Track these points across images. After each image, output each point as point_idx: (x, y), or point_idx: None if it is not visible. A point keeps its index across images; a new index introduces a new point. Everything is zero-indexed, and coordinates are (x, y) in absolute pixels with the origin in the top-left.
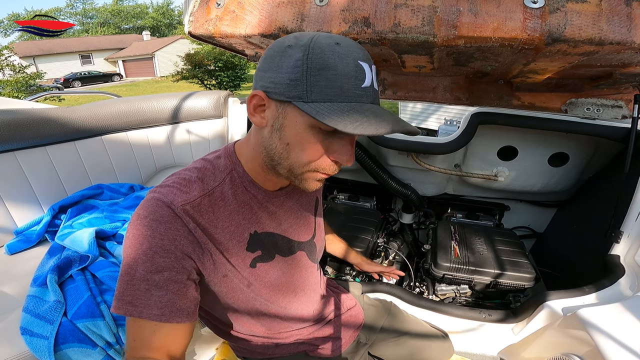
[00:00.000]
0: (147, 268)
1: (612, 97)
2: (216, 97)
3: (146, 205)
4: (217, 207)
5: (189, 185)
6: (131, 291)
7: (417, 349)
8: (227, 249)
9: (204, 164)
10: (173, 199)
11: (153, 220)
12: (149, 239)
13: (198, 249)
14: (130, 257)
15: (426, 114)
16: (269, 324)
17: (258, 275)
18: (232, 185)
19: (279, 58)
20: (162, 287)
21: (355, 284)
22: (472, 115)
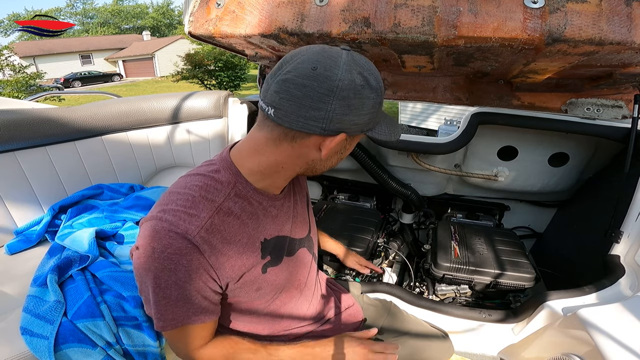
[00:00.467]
0: (180, 294)
1: (612, 97)
2: (216, 97)
3: (158, 238)
4: (227, 223)
5: (195, 206)
6: (172, 311)
7: (417, 348)
8: (242, 262)
9: (203, 180)
10: (187, 229)
11: (172, 254)
12: (174, 272)
13: (219, 270)
14: (161, 287)
15: (426, 114)
16: (271, 323)
17: (268, 279)
18: (238, 199)
19: (358, 101)
20: (197, 302)
21: (354, 284)
22: (472, 115)
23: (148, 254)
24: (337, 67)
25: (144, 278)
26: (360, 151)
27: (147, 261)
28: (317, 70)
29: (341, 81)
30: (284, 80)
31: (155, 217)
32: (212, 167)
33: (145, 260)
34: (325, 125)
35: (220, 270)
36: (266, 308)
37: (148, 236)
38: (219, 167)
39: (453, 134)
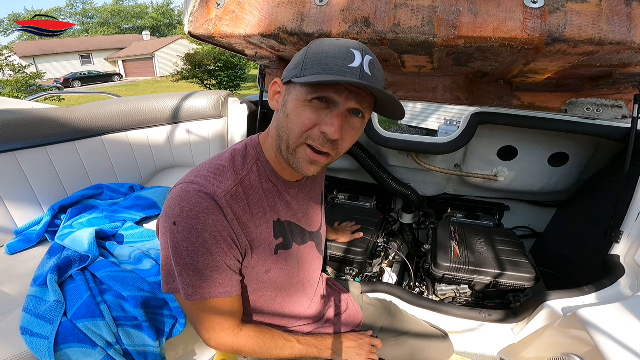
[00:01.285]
0: (207, 259)
1: (612, 97)
2: (216, 97)
3: (188, 197)
4: (249, 195)
5: (223, 174)
6: (198, 279)
7: (417, 348)
8: (258, 236)
9: (233, 153)
10: (215, 191)
11: (201, 212)
12: (201, 232)
13: (240, 237)
14: (188, 250)
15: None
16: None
17: (278, 261)
18: (258, 174)
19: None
20: (223, 270)
21: (354, 284)
22: (472, 115)
23: (176, 214)
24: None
25: (168, 243)
26: (360, 151)
27: (176, 222)
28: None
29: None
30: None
31: (186, 180)
32: (242, 144)
33: (173, 222)
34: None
35: (240, 237)
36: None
37: (177, 197)
38: (247, 143)
39: (453, 134)
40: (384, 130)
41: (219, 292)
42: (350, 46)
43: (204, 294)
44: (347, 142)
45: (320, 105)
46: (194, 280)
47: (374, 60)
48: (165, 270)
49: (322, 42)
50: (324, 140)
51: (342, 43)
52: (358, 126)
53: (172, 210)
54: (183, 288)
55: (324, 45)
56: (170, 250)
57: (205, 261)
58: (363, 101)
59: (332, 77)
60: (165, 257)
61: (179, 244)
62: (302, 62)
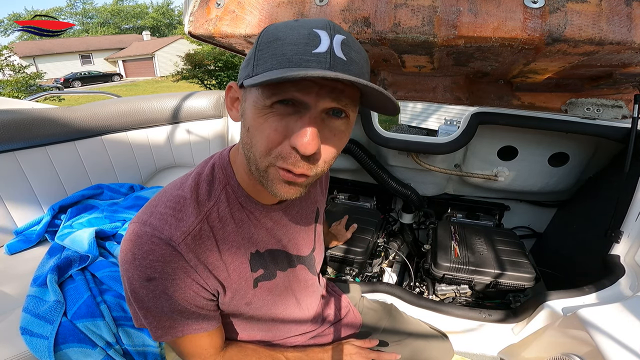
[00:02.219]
0: (172, 305)
1: (612, 97)
2: (216, 97)
3: (139, 243)
4: (216, 230)
5: (183, 209)
6: (166, 320)
7: (417, 350)
8: (230, 274)
9: (197, 179)
10: (172, 234)
11: (155, 261)
12: (160, 280)
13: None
14: (148, 297)
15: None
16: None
17: (259, 294)
18: (228, 203)
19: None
20: (193, 312)
21: (354, 286)
22: (472, 115)
23: (129, 261)
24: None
25: (127, 287)
26: (360, 151)
27: (129, 269)
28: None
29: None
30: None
31: (140, 220)
32: (211, 161)
33: (127, 268)
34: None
35: (208, 280)
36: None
37: (129, 241)
38: (216, 163)
39: (453, 134)
40: (384, 130)
41: (193, 329)
42: (312, 26)
43: (176, 333)
44: (330, 152)
45: (285, 111)
46: (161, 322)
47: (348, 39)
48: (131, 309)
49: (276, 27)
50: (295, 157)
51: (302, 24)
52: (342, 129)
53: (125, 255)
54: (150, 330)
55: (278, 31)
56: (131, 295)
57: (170, 306)
58: (341, 96)
59: (289, 71)
60: (127, 299)
61: (137, 291)
62: (253, 56)
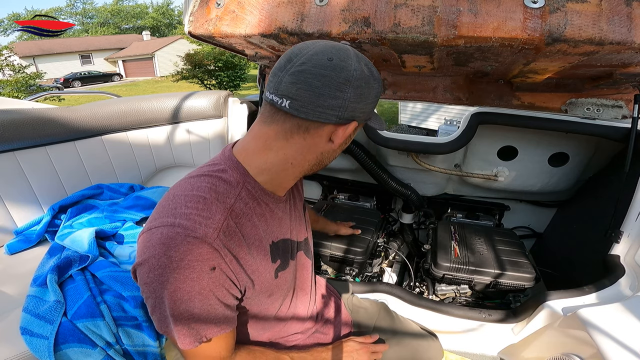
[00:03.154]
0: (204, 305)
1: (612, 97)
2: (216, 97)
3: (174, 245)
4: (241, 225)
5: (208, 208)
6: (195, 325)
7: (407, 350)
8: (257, 267)
9: (211, 180)
10: (205, 232)
11: (194, 261)
12: (197, 280)
13: (239, 276)
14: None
15: (426, 114)
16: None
17: (279, 284)
18: (248, 199)
19: (367, 90)
20: (220, 312)
21: (344, 285)
22: (472, 115)
23: (163, 265)
24: (350, 59)
25: (159, 293)
26: (360, 151)
27: (164, 273)
28: (334, 61)
29: (355, 71)
30: (300, 72)
31: (165, 223)
32: (217, 167)
33: (161, 272)
34: (340, 114)
35: (239, 275)
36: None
37: (161, 245)
38: (225, 166)
39: (453, 134)
40: (384, 130)
41: (215, 332)
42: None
43: (201, 338)
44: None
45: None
46: (190, 327)
47: None
48: (156, 316)
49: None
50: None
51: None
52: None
53: (158, 261)
54: (179, 338)
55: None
56: (161, 301)
57: (202, 307)
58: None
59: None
60: (153, 305)
61: (171, 295)
62: (374, 106)
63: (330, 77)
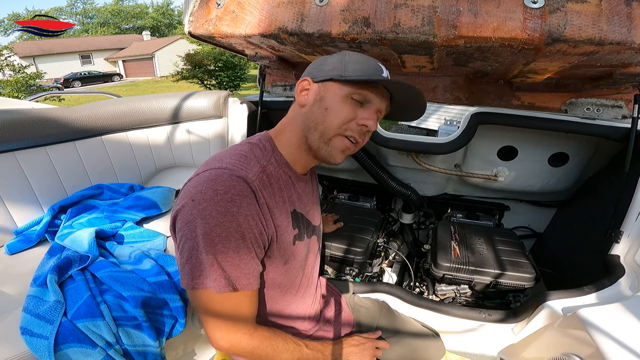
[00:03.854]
0: (239, 245)
1: (612, 97)
2: (216, 97)
3: (221, 180)
4: (271, 183)
5: (248, 161)
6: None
7: (409, 348)
8: (281, 223)
9: (250, 146)
10: (246, 175)
11: (236, 195)
12: (236, 215)
13: (268, 223)
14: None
15: (426, 114)
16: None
17: (294, 252)
18: (276, 165)
19: (323, 60)
20: (250, 259)
21: (346, 285)
22: (472, 115)
23: (209, 198)
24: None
25: (199, 231)
26: (360, 151)
27: (208, 207)
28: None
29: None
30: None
31: (213, 167)
32: (254, 139)
33: (206, 206)
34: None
35: (268, 222)
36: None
37: (209, 181)
38: (260, 138)
39: (453, 134)
40: (384, 130)
41: (245, 284)
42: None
43: (235, 285)
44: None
45: (356, 103)
46: (224, 270)
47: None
48: (191, 264)
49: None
50: (360, 131)
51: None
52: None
53: (204, 194)
54: (215, 280)
55: (358, 56)
56: (201, 239)
57: (237, 247)
58: (385, 106)
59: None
60: (190, 248)
61: (211, 230)
62: (340, 65)
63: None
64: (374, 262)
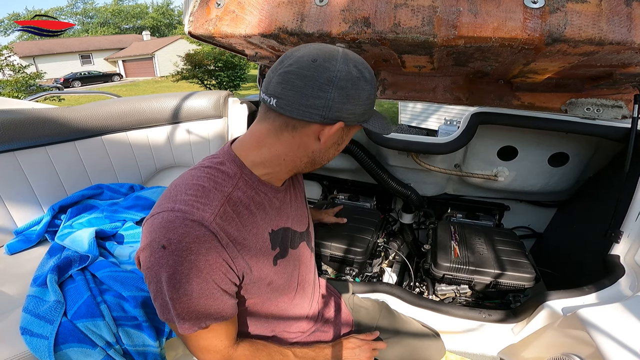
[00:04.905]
0: (202, 288)
1: (612, 97)
2: (216, 97)
3: (173, 227)
4: (239, 212)
5: (207, 194)
6: (194, 309)
7: (409, 348)
8: (255, 253)
9: (210, 171)
10: (202, 215)
11: (191, 242)
12: (195, 262)
13: (237, 260)
14: (181, 282)
15: (426, 114)
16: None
17: (278, 271)
18: (245, 188)
19: (355, 91)
20: (219, 296)
21: (345, 285)
22: (472, 115)
23: (163, 248)
24: (335, 60)
25: (159, 277)
26: (360, 151)
27: (163, 256)
28: (317, 62)
29: (339, 72)
30: (286, 72)
31: (165, 209)
32: (215, 159)
33: (161, 255)
34: (324, 114)
35: (236, 260)
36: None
37: (161, 229)
38: (223, 159)
39: (453, 134)
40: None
41: (214, 319)
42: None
43: (200, 323)
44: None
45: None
46: (190, 311)
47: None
48: (158, 303)
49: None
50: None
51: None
52: None
53: (159, 243)
54: (178, 322)
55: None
56: (164, 284)
57: (200, 290)
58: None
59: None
60: (155, 290)
61: (171, 277)
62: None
63: (312, 78)
64: (374, 262)
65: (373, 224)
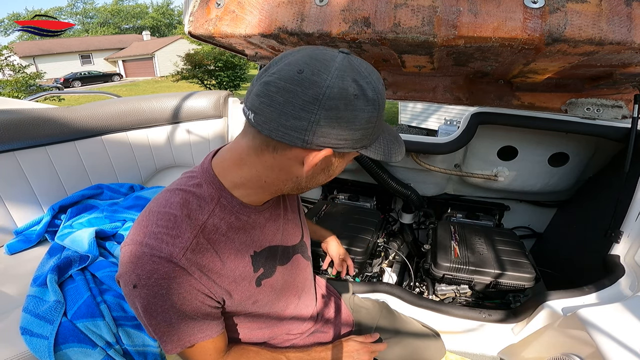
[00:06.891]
0: (180, 316)
1: (612, 97)
2: (216, 97)
3: (141, 263)
4: (214, 241)
5: (177, 226)
6: (176, 333)
7: (410, 348)
8: (234, 279)
9: (184, 195)
10: (171, 251)
11: (160, 279)
12: (167, 296)
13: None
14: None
15: (426, 114)
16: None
17: (263, 291)
18: (223, 215)
19: (349, 113)
20: (200, 320)
21: (345, 285)
22: (472, 115)
23: (133, 282)
24: (327, 72)
25: (136, 306)
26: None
27: (135, 293)
28: (303, 73)
29: (329, 88)
30: (266, 83)
31: (135, 241)
32: (193, 180)
33: (132, 289)
34: (307, 138)
35: (212, 288)
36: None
37: (129, 263)
38: (200, 180)
39: (453, 134)
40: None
41: (199, 338)
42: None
43: (185, 344)
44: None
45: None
46: (171, 335)
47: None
48: (142, 323)
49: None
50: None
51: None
52: None
53: (129, 277)
54: (161, 344)
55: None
56: (141, 312)
57: (179, 318)
58: None
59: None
60: (136, 314)
61: (147, 307)
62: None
63: (294, 93)
64: (374, 262)
65: (373, 224)
